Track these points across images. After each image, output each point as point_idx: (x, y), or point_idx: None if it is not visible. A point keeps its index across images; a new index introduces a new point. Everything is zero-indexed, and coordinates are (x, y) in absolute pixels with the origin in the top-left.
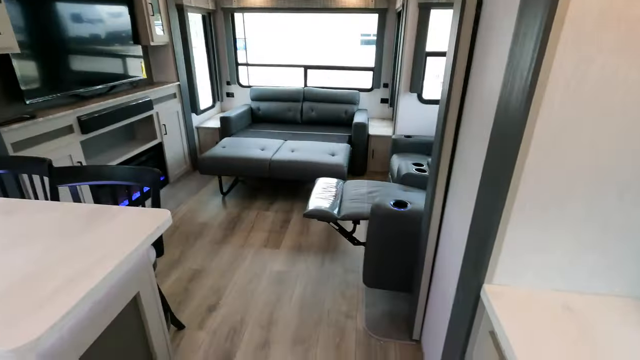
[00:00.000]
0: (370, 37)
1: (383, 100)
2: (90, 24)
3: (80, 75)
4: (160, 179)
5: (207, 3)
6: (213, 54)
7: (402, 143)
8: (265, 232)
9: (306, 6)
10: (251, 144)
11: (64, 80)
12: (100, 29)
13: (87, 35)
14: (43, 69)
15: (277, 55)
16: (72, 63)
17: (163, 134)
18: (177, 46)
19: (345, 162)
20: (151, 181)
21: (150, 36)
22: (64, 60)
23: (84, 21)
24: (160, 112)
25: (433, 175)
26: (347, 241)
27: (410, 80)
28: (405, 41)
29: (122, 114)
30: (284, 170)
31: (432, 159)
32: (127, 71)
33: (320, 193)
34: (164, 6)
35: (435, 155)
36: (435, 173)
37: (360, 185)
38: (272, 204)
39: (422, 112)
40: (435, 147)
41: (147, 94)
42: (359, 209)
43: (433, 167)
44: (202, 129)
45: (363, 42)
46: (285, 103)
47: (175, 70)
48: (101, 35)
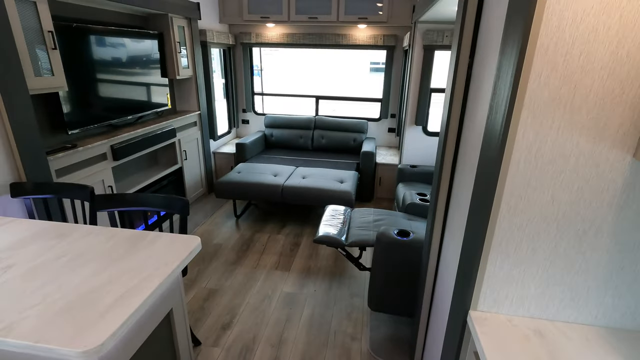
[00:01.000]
0: (380, 65)
1: (390, 130)
2: (124, 60)
3: (114, 107)
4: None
5: (228, 39)
6: (231, 84)
7: (407, 172)
8: (276, 255)
9: (320, 42)
10: (265, 169)
11: (99, 112)
12: (132, 64)
13: (121, 70)
14: (83, 102)
15: (291, 85)
16: (106, 96)
17: (183, 160)
18: (200, 78)
19: (353, 190)
20: (181, 209)
21: (177, 70)
22: (100, 94)
23: (118, 57)
24: (182, 139)
25: (432, 206)
26: (354, 266)
27: (415, 113)
28: (411, 78)
29: (148, 142)
30: (295, 196)
31: (431, 190)
32: (154, 102)
33: (329, 220)
34: (190, 42)
35: (435, 187)
36: (434, 204)
37: (367, 213)
38: (283, 228)
39: (426, 144)
40: (435, 179)
41: (171, 122)
42: (366, 237)
43: (432, 199)
44: (219, 154)
45: (372, 70)
46: (297, 130)
47: (197, 101)
48: (133, 69)
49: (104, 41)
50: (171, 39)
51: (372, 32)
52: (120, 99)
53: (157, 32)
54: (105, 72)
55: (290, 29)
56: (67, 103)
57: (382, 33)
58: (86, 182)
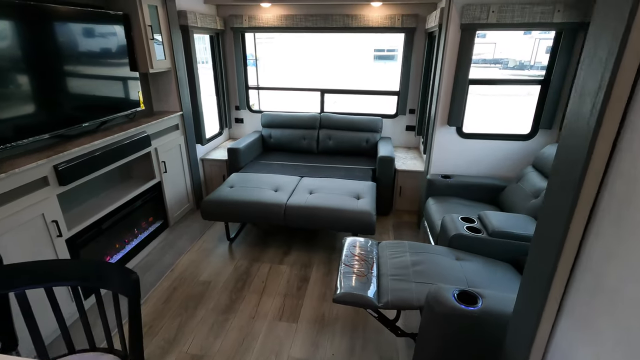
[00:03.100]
0: (385, 52)
1: (409, 128)
2: (77, 49)
3: (63, 111)
4: (156, 225)
5: (216, 23)
6: (221, 77)
7: (439, 185)
8: (280, 297)
9: (325, 26)
10: (262, 182)
11: (40, 120)
12: (89, 55)
13: (72, 62)
14: (11, 106)
15: (291, 78)
16: (51, 98)
17: (162, 172)
18: (181, 72)
19: (373, 208)
20: (125, 286)
21: (150, 62)
22: (41, 96)
23: (69, 46)
24: (159, 148)
25: (539, 272)
26: None
27: (448, 111)
28: (443, 66)
29: (112, 156)
30: (301, 217)
31: (535, 238)
32: (121, 103)
33: (351, 261)
34: (165, 27)
35: (545, 236)
36: (545, 267)
37: (399, 249)
38: (287, 255)
39: (462, 148)
40: (547, 222)
41: (144, 128)
42: (406, 294)
43: (536, 254)
44: (208, 161)
45: (377, 58)
46: (299, 130)
47: (178, 99)
48: (90, 61)
49: (47, 23)
50: (140, 21)
51: (388, 12)
52: (74, 101)
53: (121, 12)
54: (49, 66)
55: (290, 10)
56: None
57: (401, 13)
58: (15, 220)
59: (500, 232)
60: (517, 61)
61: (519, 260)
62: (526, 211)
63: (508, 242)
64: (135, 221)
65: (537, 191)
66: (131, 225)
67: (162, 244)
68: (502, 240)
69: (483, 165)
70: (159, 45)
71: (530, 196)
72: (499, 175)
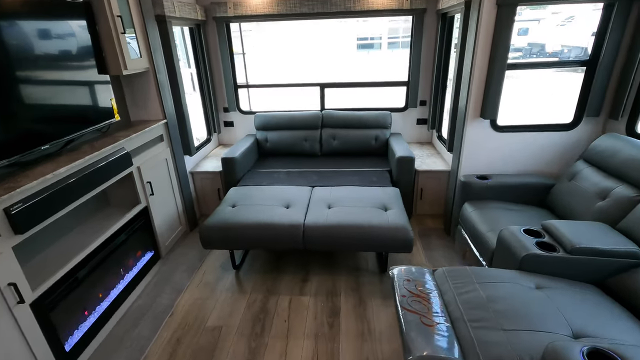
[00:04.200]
0: (368, 40)
1: (420, 121)
2: (24, 48)
3: (10, 132)
4: (146, 259)
5: (196, 12)
6: (205, 76)
7: (476, 187)
8: (310, 339)
9: (323, 11)
10: (268, 197)
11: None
12: (41, 57)
13: (19, 65)
14: None
15: (284, 73)
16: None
17: (148, 195)
18: (161, 72)
19: (407, 221)
20: None
21: (123, 62)
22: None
23: (11, 43)
24: (143, 166)
25: None
26: None
27: (482, 102)
28: (476, 52)
29: (83, 185)
30: (323, 239)
31: None
32: (90, 115)
33: (411, 304)
34: (138, 19)
35: None
36: None
37: (464, 279)
38: (306, 282)
39: (496, 144)
40: None
41: (122, 144)
42: (500, 350)
43: None
44: (199, 174)
45: (359, 47)
46: (299, 131)
47: (160, 104)
48: (43, 65)
49: None
50: (106, 12)
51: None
52: (27, 118)
53: (81, 0)
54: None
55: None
56: None
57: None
58: None
59: (583, 249)
60: (552, 50)
61: (604, 281)
62: (592, 216)
63: (592, 259)
64: (120, 259)
65: (603, 192)
66: (115, 265)
67: (155, 281)
68: (585, 259)
69: (520, 161)
70: (132, 40)
71: (594, 198)
72: (539, 171)
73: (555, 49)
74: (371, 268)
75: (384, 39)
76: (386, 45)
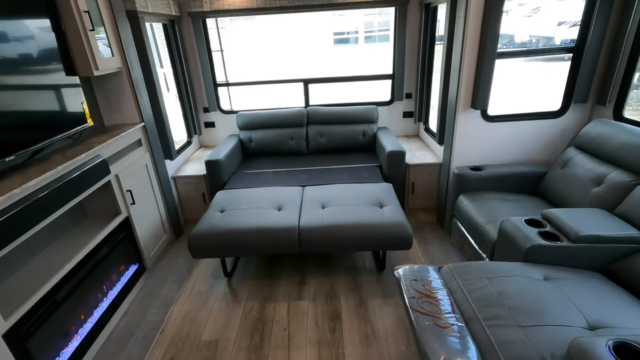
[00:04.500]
0: (345, 35)
1: (406, 114)
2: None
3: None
4: (130, 273)
5: (169, 7)
6: (182, 75)
7: (471, 179)
8: (313, 347)
9: (305, 3)
10: (258, 199)
11: None
12: (2, 61)
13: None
14: None
15: (262, 70)
16: None
17: (129, 205)
18: (135, 72)
19: (405, 217)
20: None
21: (93, 61)
22: None
23: None
24: (121, 174)
25: None
26: None
27: (472, 92)
28: (465, 41)
29: (56, 199)
30: (320, 241)
31: None
32: (59, 120)
33: (421, 305)
34: (108, 16)
35: None
36: None
37: (471, 275)
38: (303, 286)
39: (487, 134)
40: None
41: (97, 151)
42: (521, 349)
43: None
44: (182, 179)
45: (336, 42)
46: (284, 130)
47: (136, 106)
48: (4, 69)
49: None
50: (72, 8)
51: None
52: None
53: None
54: None
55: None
56: None
57: None
58: None
59: (587, 237)
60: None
61: (608, 268)
62: (589, 202)
63: (596, 247)
64: (103, 275)
65: (598, 178)
66: (98, 282)
67: (141, 296)
68: (589, 246)
69: (511, 150)
70: (102, 39)
71: (589, 184)
72: (530, 159)
73: (524, 39)
74: (368, 267)
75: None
76: (363, 39)
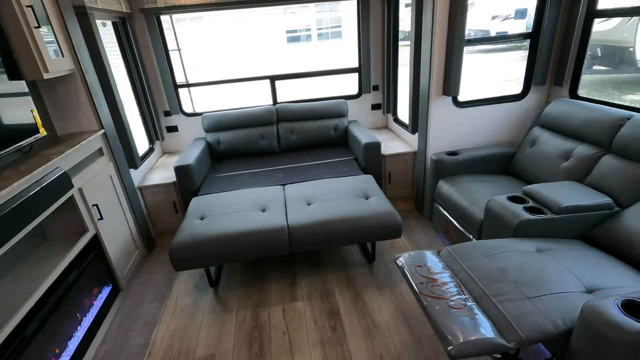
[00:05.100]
0: (297, 32)
1: (374, 107)
2: None
3: None
4: (104, 295)
5: (119, 3)
6: (139, 77)
7: (448, 164)
8: (317, 348)
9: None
10: (239, 202)
11: None
12: None
13: None
14: None
15: (217, 70)
16: None
17: (96, 220)
18: (90, 74)
19: (392, 205)
20: None
21: (41, 63)
22: None
23: None
24: (85, 187)
25: None
26: None
27: (443, 79)
28: (434, 30)
29: (16, 218)
30: (311, 239)
31: None
32: (7, 133)
33: (432, 289)
34: (54, 12)
35: None
36: None
37: (471, 255)
38: (295, 287)
39: (458, 120)
40: None
41: (56, 163)
42: (535, 319)
43: None
44: (149, 189)
45: (289, 40)
46: (254, 129)
47: (93, 112)
48: None
49: None
50: (12, 2)
51: None
52: None
53: None
54: None
55: None
56: None
57: None
58: None
59: (568, 208)
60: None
61: (587, 234)
62: (560, 176)
63: (577, 216)
64: (75, 301)
65: (565, 153)
66: (70, 309)
67: (119, 319)
68: (571, 216)
69: (480, 134)
70: (49, 38)
71: (558, 159)
72: (497, 141)
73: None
74: (358, 260)
75: (313, 30)
76: (316, 36)
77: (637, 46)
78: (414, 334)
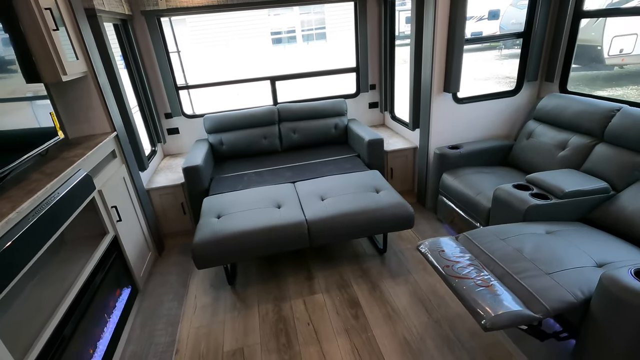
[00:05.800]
0: (282, 34)
1: (372, 105)
2: None
3: None
4: (125, 297)
5: (122, 5)
6: (140, 79)
7: (452, 157)
8: (343, 335)
9: (264, 0)
10: (254, 200)
11: None
12: None
13: None
14: None
15: (224, 70)
16: None
17: (115, 222)
18: (102, 76)
19: (402, 197)
20: None
21: (60, 65)
22: None
23: None
24: (104, 189)
25: None
26: (463, 312)
27: (444, 77)
28: (436, 28)
29: (49, 221)
30: (329, 232)
31: None
32: (26, 137)
33: (459, 270)
34: (68, 14)
35: None
36: None
37: (487, 238)
38: (312, 280)
39: (458, 115)
40: None
41: (78, 165)
42: (557, 292)
43: None
44: (157, 191)
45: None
46: (256, 129)
47: (106, 115)
48: None
49: None
50: (32, 5)
51: None
52: None
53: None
54: None
55: None
56: None
57: None
58: None
59: (571, 193)
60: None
61: (586, 216)
62: (558, 165)
63: (579, 200)
64: (103, 303)
65: (561, 143)
66: (99, 311)
67: (141, 320)
68: (574, 200)
69: (478, 128)
70: (65, 41)
71: (554, 149)
72: (494, 135)
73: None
74: (369, 252)
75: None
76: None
77: (604, 44)
78: (433, 317)
